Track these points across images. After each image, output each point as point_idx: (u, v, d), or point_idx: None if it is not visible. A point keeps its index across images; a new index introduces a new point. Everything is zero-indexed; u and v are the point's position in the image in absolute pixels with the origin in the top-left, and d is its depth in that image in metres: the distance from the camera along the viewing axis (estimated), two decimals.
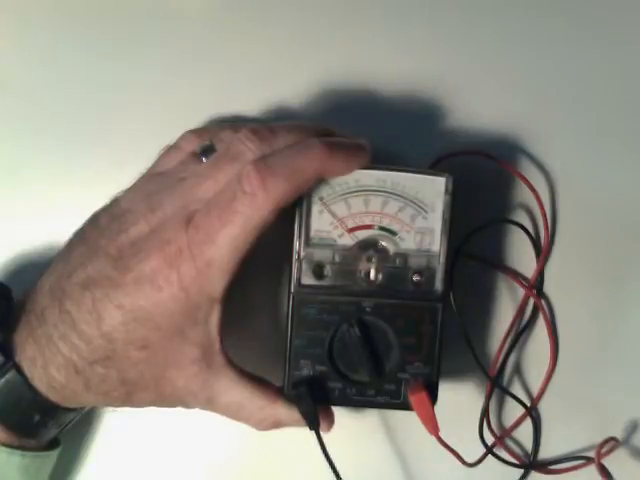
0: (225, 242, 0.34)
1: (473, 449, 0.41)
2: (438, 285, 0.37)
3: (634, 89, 0.43)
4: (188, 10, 0.43)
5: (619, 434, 0.44)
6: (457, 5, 0.43)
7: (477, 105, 0.43)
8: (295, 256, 0.37)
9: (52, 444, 0.39)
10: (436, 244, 0.37)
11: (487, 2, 0.43)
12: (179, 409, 0.38)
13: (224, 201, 0.34)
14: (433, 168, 0.41)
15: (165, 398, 0.37)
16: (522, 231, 0.43)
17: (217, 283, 0.34)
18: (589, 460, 0.42)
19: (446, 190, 0.37)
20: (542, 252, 0.43)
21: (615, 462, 0.42)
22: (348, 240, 0.37)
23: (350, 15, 0.43)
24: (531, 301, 0.44)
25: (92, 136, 0.43)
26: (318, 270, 0.37)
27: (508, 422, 0.44)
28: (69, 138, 0.43)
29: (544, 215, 0.42)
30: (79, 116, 0.43)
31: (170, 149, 0.39)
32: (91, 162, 0.43)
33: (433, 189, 0.37)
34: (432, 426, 0.37)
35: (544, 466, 0.44)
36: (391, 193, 0.37)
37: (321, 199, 0.37)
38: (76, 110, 0.43)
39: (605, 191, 0.43)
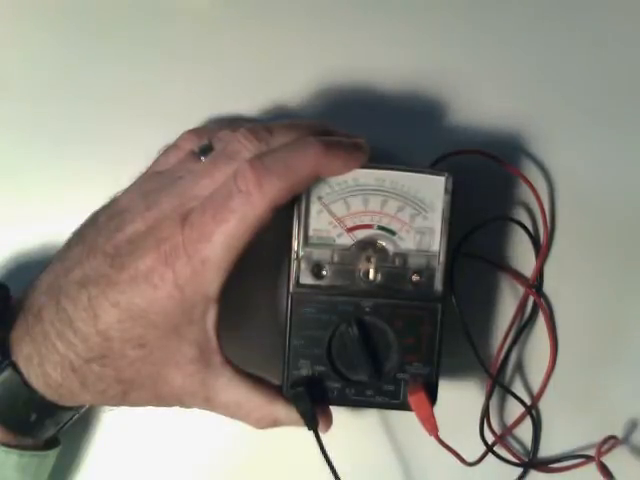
0: (220, 241, 0.34)
1: (473, 448, 0.41)
2: (438, 285, 0.37)
3: (634, 89, 0.43)
4: (187, 10, 0.43)
5: (619, 432, 0.44)
6: (458, 3, 0.43)
7: (477, 104, 0.43)
8: (294, 255, 0.37)
9: (51, 443, 0.39)
10: (436, 244, 0.37)
11: (488, 1, 0.43)
12: (177, 408, 0.38)
13: (220, 199, 0.34)
14: (433, 167, 0.40)
15: (162, 397, 0.37)
16: (522, 230, 0.43)
17: (212, 282, 0.34)
18: (589, 458, 0.42)
19: (446, 189, 0.36)
20: (542, 250, 0.43)
21: (615, 460, 0.42)
22: (347, 240, 0.37)
23: (350, 14, 0.42)
24: (531, 299, 0.44)
25: (92, 136, 0.43)
26: (317, 270, 0.37)
27: (508, 421, 0.44)
28: (69, 138, 0.43)
29: (543, 213, 0.42)
30: (79, 116, 0.43)
31: (169, 148, 0.39)
32: (91, 162, 0.43)
33: (433, 188, 0.37)
34: (431, 426, 0.37)
35: (544, 464, 0.44)
36: (390, 192, 0.37)
37: (320, 198, 0.36)
38: (76, 110, 0.43)
39: (604, 189, 0.43)
